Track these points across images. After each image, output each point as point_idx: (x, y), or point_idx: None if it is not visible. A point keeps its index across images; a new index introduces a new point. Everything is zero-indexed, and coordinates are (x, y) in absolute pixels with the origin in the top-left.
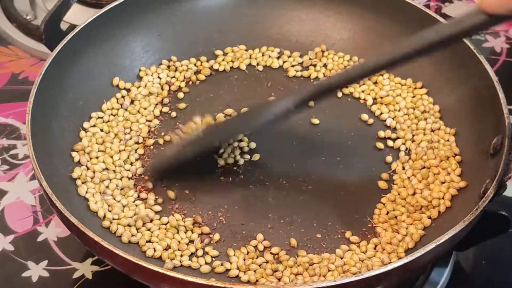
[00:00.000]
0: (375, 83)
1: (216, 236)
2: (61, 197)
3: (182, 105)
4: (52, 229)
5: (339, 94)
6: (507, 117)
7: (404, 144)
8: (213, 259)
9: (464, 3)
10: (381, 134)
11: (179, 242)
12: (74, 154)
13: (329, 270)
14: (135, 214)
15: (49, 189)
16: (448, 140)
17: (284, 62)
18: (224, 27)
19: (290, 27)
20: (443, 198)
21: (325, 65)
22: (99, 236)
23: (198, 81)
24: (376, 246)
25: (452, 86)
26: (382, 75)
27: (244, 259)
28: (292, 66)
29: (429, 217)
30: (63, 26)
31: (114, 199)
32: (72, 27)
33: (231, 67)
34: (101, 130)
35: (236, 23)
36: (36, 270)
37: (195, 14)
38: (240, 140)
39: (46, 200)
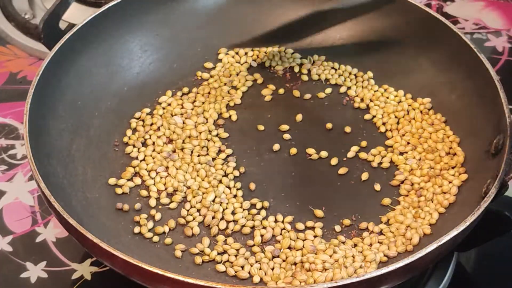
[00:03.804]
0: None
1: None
2: (59, 197)
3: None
4: (51, 229)
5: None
6: (508, 117)
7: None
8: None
9: (466, 2)
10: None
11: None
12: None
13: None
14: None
15: (47, 190)
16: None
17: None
18: (223, 27)
19: (289, 26)
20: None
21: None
22: (97, 237)
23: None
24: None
25: (453, 86)
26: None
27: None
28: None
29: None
30: (62, 25)
31: None
32: (71, 26)
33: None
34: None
35: (234, 23)
36: (34, 271)
37: (193, 13)
38: None
39: (44, 201)
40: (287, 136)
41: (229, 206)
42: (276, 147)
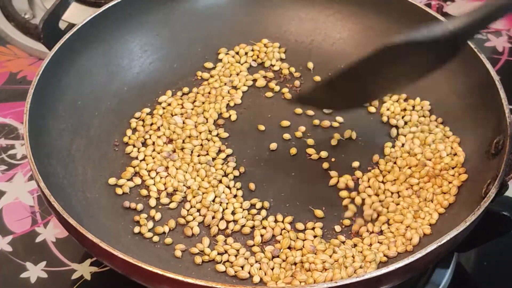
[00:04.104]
0: None
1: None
2: (59, 197)
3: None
4: (51, 230)
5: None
6: (508, 117)
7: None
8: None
9: (466, 2)
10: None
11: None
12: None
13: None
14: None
15: (47, 190)
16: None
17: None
18: (223, 26)
19: (290, 26)
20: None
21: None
22: (97, 237)
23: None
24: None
25: (453, 86)
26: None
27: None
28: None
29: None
30: (62, 25)
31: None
32: (71, 26)
33: None
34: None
35: (234, 23)
36: (34, 271)
37: (193, 13)
38: None
39: (44, 201)
40: (287, 136)
41: (229, 206)
42: (276, 147)
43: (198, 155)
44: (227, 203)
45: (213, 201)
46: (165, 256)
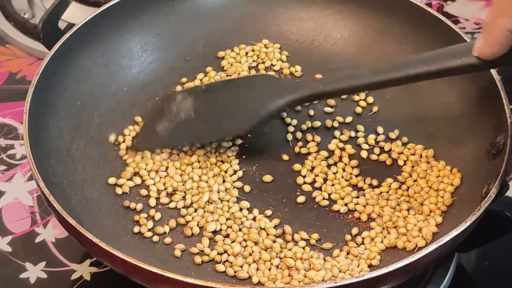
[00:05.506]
0: None
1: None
2: (58, 197)
3: None
4: (50, 230)
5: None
6: (509, 117)
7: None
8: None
9: (467, 1)
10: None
11: None
12: None
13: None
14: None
15: (47, 189)
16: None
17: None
18: (224, 26)
19: (290, 26)
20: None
21: None
22: (97, 237)
23: None
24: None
25: (454, 85)
26: None
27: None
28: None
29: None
30: (61, 25)
31: None
32: (70, 26)
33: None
34: None
35: (235, 22)
36: (34, 272)
37: (194, 13)
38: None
39: (44, 201)
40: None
41: (227, 207)
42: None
43: (198, 155)
44: (226, 204)
45: (212, 201)
46: (165, 256)
